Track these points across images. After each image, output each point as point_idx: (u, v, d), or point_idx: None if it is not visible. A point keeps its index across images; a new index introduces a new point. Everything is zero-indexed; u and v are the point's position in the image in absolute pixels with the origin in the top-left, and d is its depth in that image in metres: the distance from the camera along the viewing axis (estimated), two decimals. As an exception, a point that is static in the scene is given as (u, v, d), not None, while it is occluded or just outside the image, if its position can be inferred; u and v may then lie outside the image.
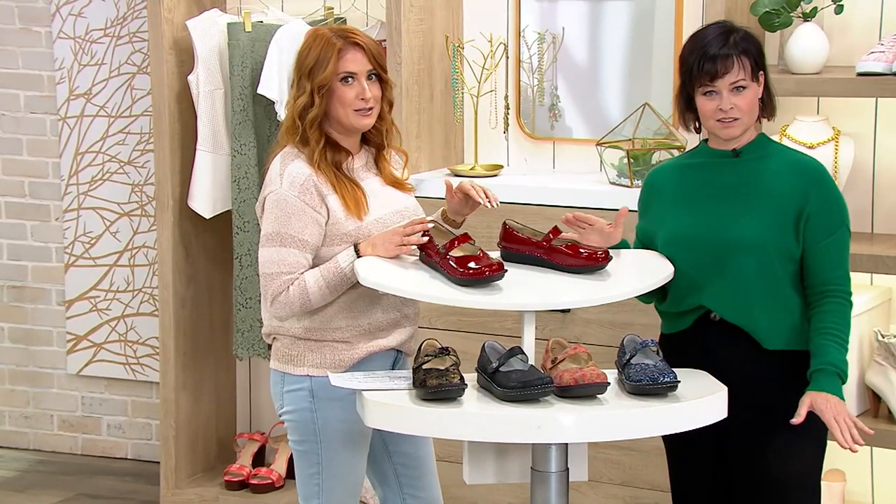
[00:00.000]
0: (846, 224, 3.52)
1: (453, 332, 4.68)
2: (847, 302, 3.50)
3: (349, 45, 3.59)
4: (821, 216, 3.47)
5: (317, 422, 3.63)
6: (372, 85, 3.60)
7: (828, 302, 3.49)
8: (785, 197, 3.48)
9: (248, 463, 5.40)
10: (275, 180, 3.58)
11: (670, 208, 3.62)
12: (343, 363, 3.61)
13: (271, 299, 3.55)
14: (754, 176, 3.52)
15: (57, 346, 6.03)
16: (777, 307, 3.50)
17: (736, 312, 3.52)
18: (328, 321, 3.60)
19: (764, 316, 3.50)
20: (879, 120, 4.49)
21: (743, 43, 3.48)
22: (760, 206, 3.49)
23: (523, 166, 5.02)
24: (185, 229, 5.26)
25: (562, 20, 4.91)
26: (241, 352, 5.21)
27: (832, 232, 3.48)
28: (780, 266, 3.48)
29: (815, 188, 3.48)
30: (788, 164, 3.52)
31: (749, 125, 3.52)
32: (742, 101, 3.47)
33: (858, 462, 4.52)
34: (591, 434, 3.28)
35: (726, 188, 3.54)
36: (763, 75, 3.52)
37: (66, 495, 5.59)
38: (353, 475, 3.69)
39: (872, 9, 4.46)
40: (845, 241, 3.52)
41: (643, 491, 4.55)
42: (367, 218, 3.60)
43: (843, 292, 3.50)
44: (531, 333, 3.48)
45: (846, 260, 3.52)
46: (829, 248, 3.49)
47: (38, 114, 5.92)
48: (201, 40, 5.09)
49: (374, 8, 5.12)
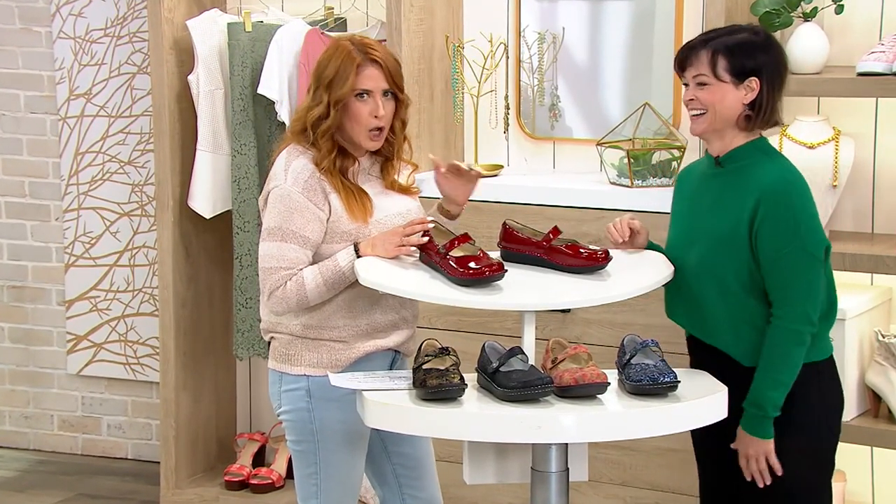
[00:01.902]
0: (801, 244, 3.39)
1: (453, 332, 4.67)
2: (784, 328, 3.39)
3: (368, 62, 3.58)
4: (767, 234, 3.40)
5: (314, 422, 3.63)
6: (387, 102, 3.60)
7: (769, 327, 3.43)
8: (741, 213, 3.43)
9: (248, 463, 5.40)
10: (279, 175, 3.59)
11: (675, 218, 3.67)
12: (340, 363, 3.61)
13: (268, 293, 3.56)
14: (728, 190, 3.49)
15: (57, 346, 6.03)
16: (745, 327, 3.47)
17: (706, 333, 3.54)
18: (326, 319, 3.60)
19: (732, 336, 3.49)
20: (880, 120, 4.48)
21: (720, 44, 3.44)
22: (721, 224, 3.46)
23: (523, 166, 5.02)
24: (186, 229, 5.26)
25: (562, 20, 4.91)
26: (241, 352, 5.21)
27: (778, 250, 3.39)
28: (738, 285, 3.45)
29: (765, 205, 3.40)
30: (754, 178, 3.44)
31: (717, 125, 3.47)
32: (704, 96, 3.45)
33: (858, 462, 4.52)
34: (592, 434, 3.28)
35: (705, 205, 3.54)
36: (759, 83, 3.46)
37: (66, 495, 5.58)
38: (351, 475, 3.69)
39: (873, 9, 4.46)
40: (797, 261, 3.39)
41: (643, 491, 4.55)
42: (371, 220, 3.61)
43: (783, 317, 3.40)
44: (531, 333, 3.48)
45: (797, 282, 3.40)
46: (775, 267, 3.40)
47: (39, 114, 5.92)
48: (201, 40, 5.09)
49: (374, 8, 5.12)
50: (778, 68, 3.49)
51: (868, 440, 4.29)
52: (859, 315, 4.28)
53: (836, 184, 4.35)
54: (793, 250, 3.39)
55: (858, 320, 4.28)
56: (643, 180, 4.56)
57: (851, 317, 4.23)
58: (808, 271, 3.41)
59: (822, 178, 4.35)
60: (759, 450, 3.46)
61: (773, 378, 3.41)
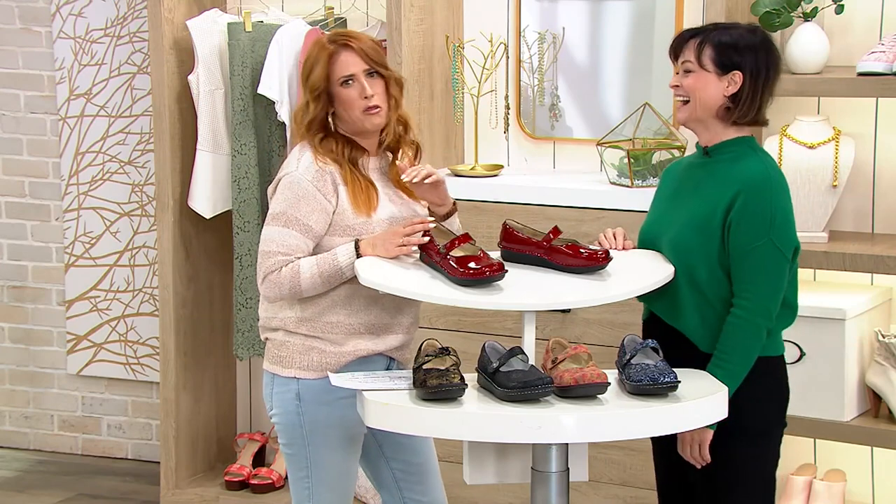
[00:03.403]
0: (770, 239, 3.42)
1: (453, 332, 4.68)
2: (744, 319, 3.43)
3: (340, 48, 3.61)
4: (740, 225, 3.43)
5: (303, 425, 3.62)
6: (374, 82, 3.61)
7: (729, 316, 3.45)
8: (717, 202, 3.46)
9: (248, 463, 5.40)
10: (292, 163, 3.61)
11: (655, 205, 3.70)
12: (329, 366, 3.60)
13: (263, 276, 3.56)
14: (710, 179, 3.52)
15: (57, 346, 6.03)
16: (706, 312, 3.49)
17: (668, 313, 3.55)
18: (322, 314, 3.59)
19: (693, 319, 3.50)
20: (880, 120, 4.48)
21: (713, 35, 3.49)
22: (696, 210, 3.50)
23: (523, 166, 5.02)
24: (186, 229, 5.26)
25: (562, 20, 4.91)
26: (241, 352, 5.20)
27: (750, 243, 3.42)
28: (706, 272, 3.47)
29: (742, 195, 3.43)
30: (736, 170, 3.48)
31: (698, 114, 3.51)
32: (687, 83, 3.50)
33: (858, 462, 4.52)
34: (592, 434, 3.28)
35: (687, 191, 3.57)
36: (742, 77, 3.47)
37: (66, 495, 5.58)
38: (343, 479, 3.68)
39: (873, 9, 4.46)
40: (767, 256, 3.42)
41: (643, 491, 4.55)
42: (375, 216, 3.60)
43: (744, 308, 3.43)
44: (531, 333, 3.48)
45: (762, 276, 3.42)
46: (744, 259, 3.43)
47: (39, 114, 5.92)
48: (201, 40, 5.09)
49: (374, 8, 5.12)
50: (766, 68, 3.51)
51: (868, 440, 4.30)
52: (859, 315, 4.28)
53: (837, 184, 4.35)
54: (763, 245, 3.42)
55: (858, 320, 4.28)
56: (643, 180, 4.56)
57: (851, 317, 4.24)
58: (775, 267, 3.45)
59: (822, 178, 4.35)
60: (695, 436, 3.48)
61: (726, 367, 3.44)
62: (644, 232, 3.67)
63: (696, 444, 3.49)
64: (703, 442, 3.49)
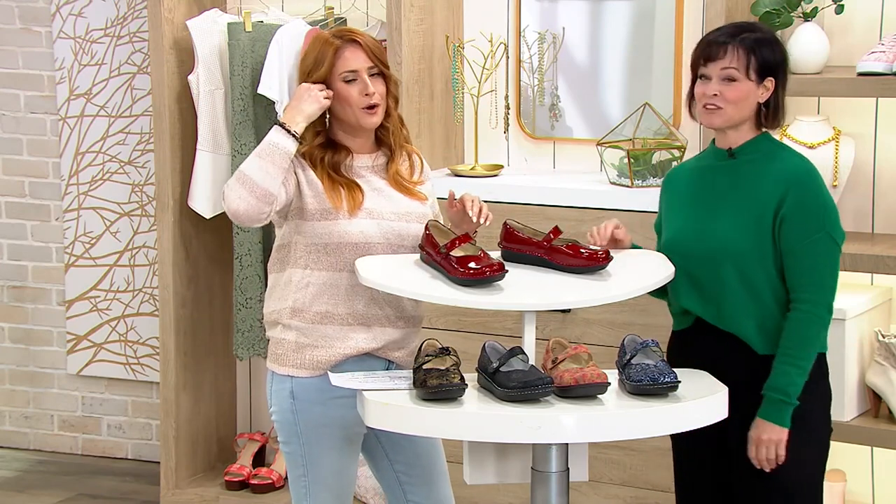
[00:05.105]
0: (827, 231, 3.44)
1: (453, 332, 4.68)
2: (811, 313, 3.44)
3: (346, 44, 3.60)
4: (794, 219, 3.43)
5: (298, 423, 3.62)
6: (375, 81, 3.60)
7: (792, 312, 3.45)
8: (766, 201, 3.46)
9: (248, 463, 5.40)
10: None
11: (675, 211, 3.65)
12: (321, 365, 3.59)
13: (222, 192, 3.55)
14: (745, 180, 3.51)
15: (57, 346, 6.03)
16: (763, 313, 3.48)
17: (723, 319, 3.52)
18: (311, 302, 3.57)
19: (750, 322, 3.49)
20: (880, 120, 4.48)
21: (751, 41, 3.47)
22: (743, 212, 3.49)
23: (523, 166, 5.02)
24: (186, 229, 5.26)
25: (562, 20, 4.91)
26: (241, 352, 5.21)
27: (807, 237, 3.43)
28: (762, 273, 3.46)
29: (793, 190, 3.44)
30: (777, 168, 3.49)
31: (734, 121, 3.50)
32: (729, 92, 3.46)
33: (858, 462, 4.52)
34: (592, 434, 3.28)
35: (718, 193, 3.55)
36: (774, 83, 3.50)
37: (66, 495, 5.59)
38: (340, 479, 3.66)
39: (873, 9, 4.46)
40: (824, 248, 3.44)
41: (643, 491, 4.55)
42: (361, 212, 3.58)
43: (808, 301, 3.43)
44: (532, 333, 3.48)
45: (822, 268, 3.44)
46: (802, 253, 3.43)
47: (39, 114, 5.92)
48: (201, 40, 5.09)
49: (374, 8, 5.12)
50: (787, 67, 3.56)
51: (868, 440, 4.30)
52: (859, 315, 4.28)
53: (837, 184, 4.36)
54: (821, 237, 3.43)
55: (858, 320, 4.28)
56: (643, 180, 4.56)
57: (851, 317, 4.23)
58: (832, 259, 3.46)
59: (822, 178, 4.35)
60: (773, 437, 3.45)
61: (795, 363, 3.43)
62: (672, 242, 3.61)
63: (772, 445, 3.46)
64: (780, 442, 3.45)
